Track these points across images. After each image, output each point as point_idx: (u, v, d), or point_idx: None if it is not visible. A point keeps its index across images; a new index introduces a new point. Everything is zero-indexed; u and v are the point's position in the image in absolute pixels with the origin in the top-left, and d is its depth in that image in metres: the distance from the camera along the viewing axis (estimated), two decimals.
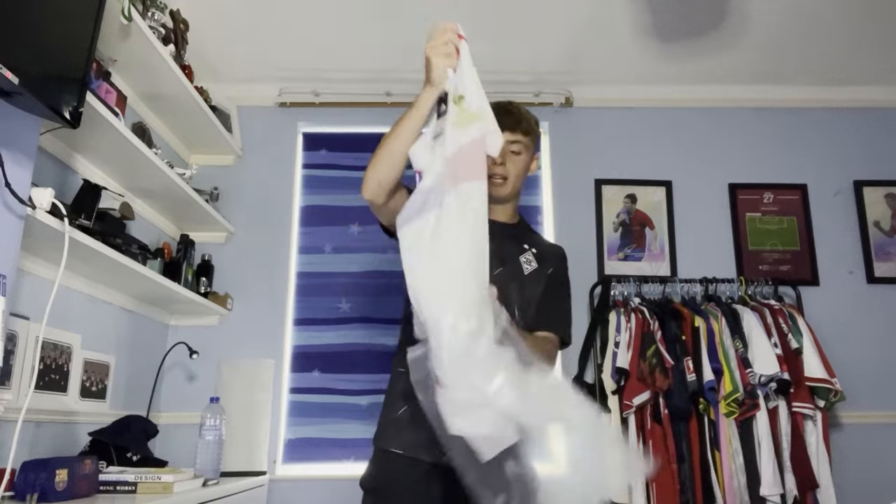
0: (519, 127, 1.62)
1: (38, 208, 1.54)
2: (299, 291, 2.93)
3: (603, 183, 3.03)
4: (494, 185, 1.60)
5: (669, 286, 2.78)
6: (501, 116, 1.48)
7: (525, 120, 1.64)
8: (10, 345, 1.73)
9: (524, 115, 1.65)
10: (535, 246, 1.67)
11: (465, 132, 1.25)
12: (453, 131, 1.24)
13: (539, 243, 1.71)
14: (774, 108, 3.13)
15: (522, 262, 1.62)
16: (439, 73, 1.28)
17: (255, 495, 2.43)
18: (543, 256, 1.66)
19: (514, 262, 1.60)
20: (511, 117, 1.60)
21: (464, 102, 1.26)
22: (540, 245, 1.70)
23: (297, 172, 3.07)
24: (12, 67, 1.29)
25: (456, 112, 1.26)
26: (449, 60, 1.27)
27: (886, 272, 2.93)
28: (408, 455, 1.46)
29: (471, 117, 1.26)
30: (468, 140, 1.24)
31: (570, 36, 2.78)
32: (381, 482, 1.49)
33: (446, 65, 1.27)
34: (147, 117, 2.54)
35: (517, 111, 1.65)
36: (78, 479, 1.62)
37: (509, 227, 1.66)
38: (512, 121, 1.60)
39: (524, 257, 1.63)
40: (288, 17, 2.63)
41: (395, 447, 1.49)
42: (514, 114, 1.63)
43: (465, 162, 1.22)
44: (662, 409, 2.47)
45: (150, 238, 2.54)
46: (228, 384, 2.71)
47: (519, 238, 1.67)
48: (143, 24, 2.06)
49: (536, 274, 1.62)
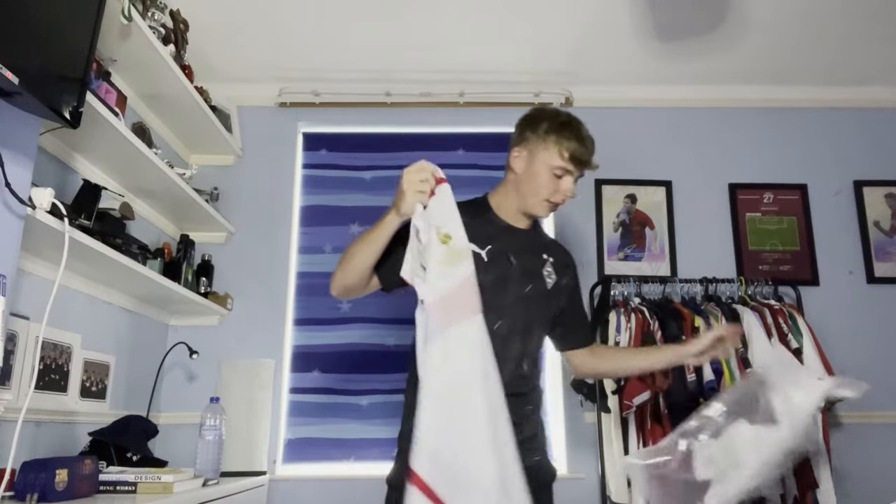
0: (590, 166, 1.62)
1: (38, 208, 1.53)
2: (299, 291, 2.93)
3: (603, 183, 3.03)
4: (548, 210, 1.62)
5: (669, 286, 2.78)
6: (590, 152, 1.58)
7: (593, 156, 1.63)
8: (10, 345, 1.73)
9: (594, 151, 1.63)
10: (550, 254, 1.67)
11: (455, 271, 1.33)
12: (442, 270, 1.31)
13: (552, 250, 1.71)
14: (774, 108, 3.13)
15: (545, 275, 1.63)
16: (409, 206, 1.34)
17: (255, 495, 2.43)
18: (559, 267, 1.67)
19: (539, 278, 1.61)
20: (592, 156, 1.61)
21: (451, 242, 1.33)
22: (554, 252, 1.70)
23: (297, 172, 3.07)
24: (12, 67, 1.29)
25: (444, 251, 1.33)
26: (420, 197, 1.34)
27: (886, 272, 2.93)
28: None
29: (459, 255, 1.34)
30: (460, 279, 1.32)
31: (571, 36, 2.78)
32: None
33: (416, 200, 1.34)
34: (147, 117, 2.54)
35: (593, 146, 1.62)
36: (78, 479, 1.62)
37: (528, 234, 1.66)
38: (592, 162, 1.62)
39: (546, 270, 1.64)
40: (288, 17, 2.63)
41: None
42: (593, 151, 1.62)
43: (459, 300, 1.31)
44: (662, 408, 2.47)
45: (150, 238, 2.54)
46: (228, 384, 2.71)
47: (537, 246, 1.67)
48: (143, 24, 2.06)
49: (556, 287, 1.63)
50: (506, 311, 1.53)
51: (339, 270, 1.50)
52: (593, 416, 2.68)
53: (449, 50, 2.88)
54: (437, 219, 1.35)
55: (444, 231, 1.33)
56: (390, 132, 3.08)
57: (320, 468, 2.71)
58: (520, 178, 1.61)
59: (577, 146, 1.56)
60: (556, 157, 1.56)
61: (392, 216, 1.39)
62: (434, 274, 1.31)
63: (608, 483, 2.55)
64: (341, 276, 1.50)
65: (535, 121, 1.61)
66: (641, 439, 2.48)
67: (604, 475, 2.58)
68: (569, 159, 1.56)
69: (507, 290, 1.55)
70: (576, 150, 1.56)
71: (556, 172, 1.57)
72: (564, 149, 1.56)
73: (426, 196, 1.35)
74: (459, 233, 1.35)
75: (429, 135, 3.09)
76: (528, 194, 1.60)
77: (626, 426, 2.49)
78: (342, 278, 1.50)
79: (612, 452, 2.55)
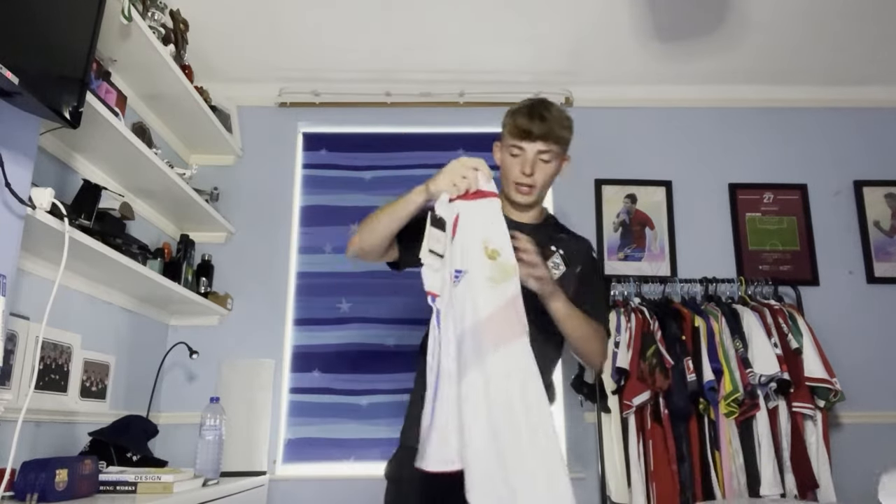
0: (551, 136, 1.58)
1: (38, 208, 1.54)
2: (299, 291, 2.93)
3: (603, 183, 3.03)
4: (521, 193, 1.61)
5: (669, 286, 2.78)
6: (531, 121, 1.55)
7: (557, 127, 1.59)
8: (10, 345, 1.73)
9: (556, 122, 1.59)
10: (561, 246, 1.65)
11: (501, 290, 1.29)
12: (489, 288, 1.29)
13: (564, 241, 1.68)
14: (774, 108, 3.13)
15: (550, 268, 1.58)
16: (437, 188, 1.37)
17: (255, 495, 2.43)
18: (571, 257, 1.64)
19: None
20: (544, 125, 1.57)
21: (500, 258, 1.31)
22: (567, 245, 1.67)
23: (297, 172, 3.07)
24: (12, 67, 1.29)
25: (493, 267, 1.30)
26: (453, 188, 1.36)
27: (886, 272, 2.92)
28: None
29: (507, 272, 1.31)
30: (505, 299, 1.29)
31: (571, 36, 2.78)
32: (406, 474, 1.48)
33: (447, 188, 1.36)
34: (147, 117, 2.54)
35: (550, 117, 1.59)
36: (78, 479, 1.62)
37: (535, 229, 1.63)
38: (544, 129, 1.57)
39: (552, 262, 1.61)
40: (288, 17, 2.63)
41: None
42: (547, 121, 1.58)
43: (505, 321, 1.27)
44: (662, 409, 2.47)
45: (150, 238, 2.54)
46: (228, 384, 2.71)
47: (544, 239, 1.63)
48: (143, 24, 2.06)
49: (564, 278, 1.60)
50: None
51: (359, 234, 1.53)
52: (593, 416, 2.68)
53: (449, 50, 2.88)
54: (484, 231, 1.34)
55: (493, 247, 1.32)
56: (390, 132, 3.08)
57: (320, 468, 2.71)
58: (500, 171, 1.65)
59: (521, 118, 1.57)
60: (507, 136, 1.60)
61: (419, 191, 1.41)
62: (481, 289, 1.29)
63: (608, 483, 2.55)
64: (359, 239, 1.52)
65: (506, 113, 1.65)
66: (641, 439, 2.48)
67: (604, 475, 2.58)
68: (515, 133, 1.57)
69: None
70: (519, 121, 1.56)
71: (512, 152, 1.59)
72: (512, 125, 1.58)
73: (459, 189, 1.35)
74: (508, 250, 1.34)
75: (429, 135, 3.09)
76: (503, 182, 1.63)
77: (626, 426, 2.49)
78: (360, 241, 1.52)
79: (612, 452, 2.55)
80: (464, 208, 1.36)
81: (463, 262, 1.32)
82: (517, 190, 1.61)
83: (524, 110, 1.59)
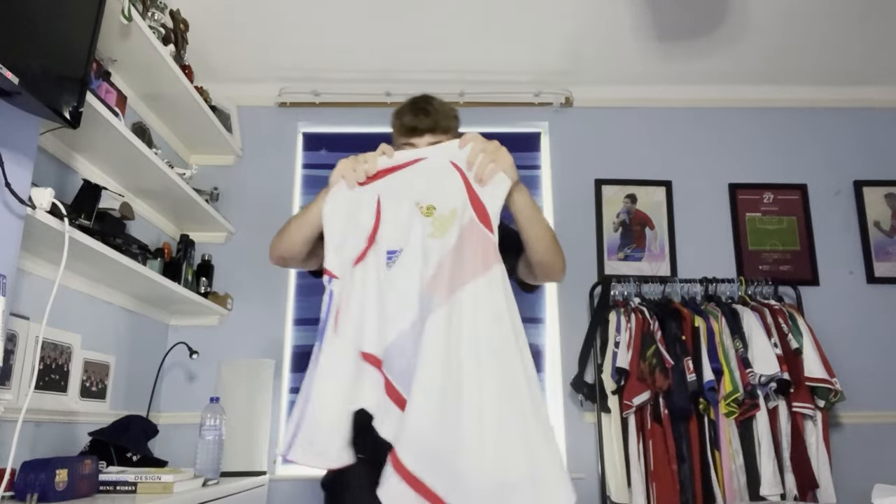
0: (438, 127, 1.50)
1: (38, 208, 1.53)
2: (299, 291, 2.93)
3: (603, 183, 3.03)
4: None
5: (669, 286, 2.78)
6: (416, 117, 1.50)
7: (442, 118, 1.51)
8: (10, 345, 1.73)
9: (440, 114, 1.51)
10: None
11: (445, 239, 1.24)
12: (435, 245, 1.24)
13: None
14: (774, 108, 3.13)
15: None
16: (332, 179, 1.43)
17: (255, 495, 2.43)
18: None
19: None
20: (428, 119, 1.50)
21: (436, 210, 1.27)
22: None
23: (297, 172, 3.07)
24: (12, 67, 1.29)
25: (431, 223, 1.26)
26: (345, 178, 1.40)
27: (886, 272, 2.93)
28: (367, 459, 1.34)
29: (446, 221, 1.26)
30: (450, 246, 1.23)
31: (570, 36, 2.78)
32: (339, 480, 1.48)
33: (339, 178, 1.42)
34: (147, 117, 2.54)
35: (433, 110, 1.51)
36: (78, 479, 1.61)
37: None
38: (430, 123, 1.50)
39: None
40: (288, 17, 2.63)
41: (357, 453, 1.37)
42: (431, 114, 1.51)
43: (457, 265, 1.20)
44: (662, 409, 2.47)
45: (150, 238, 2.54)
46: (228, 384, 2.71)
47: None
48: (143, 24, 2.06)
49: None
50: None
51: (275, 238, 1.54)
52: (593, 416, 2.68)
53: (449, 50, 2.88)
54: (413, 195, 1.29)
55: (427, 203, 1.28)
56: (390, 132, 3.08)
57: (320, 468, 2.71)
58: None
59: (406, 116, 1.51)
60: (397, 137, 1.55)
61: (322, 193, 1.45)
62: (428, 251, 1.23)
63: (608, 483, 2.55)
64: (273, 247, 1.55)
65: None
66: (641, 439, 2.48)
67: (604, 475, 2.58)
68: (404, 132, 1.51)
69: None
70: (405, 120, 1.51)
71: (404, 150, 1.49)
72: (399, 125, 1.53)
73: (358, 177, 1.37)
74: (442, 198, 1.28)
75: None
76: None
77: (626, 426, 2.49)
78: (274, 249, 1.55)
79: (612, 452, 2.55)
80: (383, 185, 1.34)
81: (398, 239, 1.27)
82: None
83: (407, 108, 1.54)
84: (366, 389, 1.23)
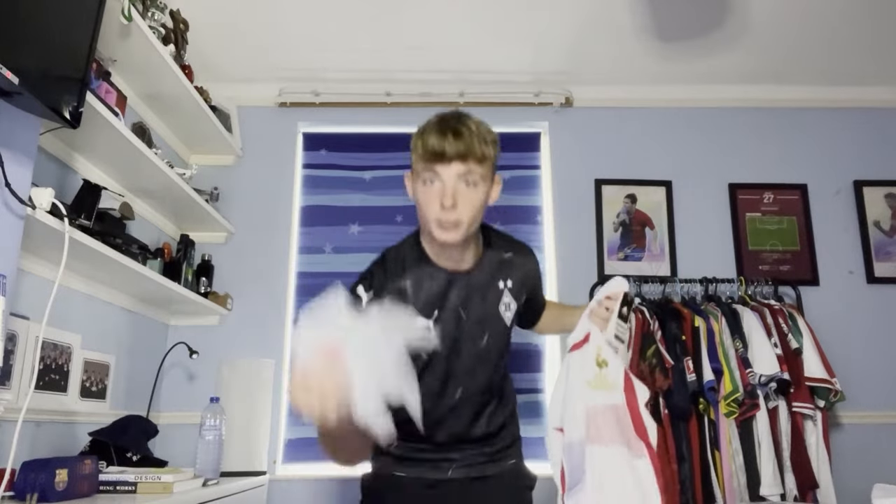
0: (471, 155, 1.26)
1: (38, 208, 1.54)
2: (299, 291, 2.93)
3: (603, 183, 3.03)
4: (445, 230, 1.29)
5: (669, 286, 2.78)
6: (446, 139, 1.26)
7: (479, 143, 1.27)
8: (10, 345, 1.73)
9: (476, 137, 1.27)
10: (508, 275, 1.46)
11: (597, 395, 1.35)
12: (586, 391, 1.36)
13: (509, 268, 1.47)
14: (774, 108, 3.13)
15: (501, 311, 1.45)
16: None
17: (255, 495, 2.43)
18: (519, 283, 1.48)
19: (495, 320, 1.45)
20: (461, 142, 1.25)
21: (606, 369, 1.36)
22: (511, 269, 1.47)
23: (297, 172, 3.07)
24: (12, 67, 1.29)
25: (597, 375, 1.36)
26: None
27: (886, 272, 2.92)
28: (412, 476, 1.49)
29: (610, 386, 1.36)
30: (603, 405, 1.35)
31: (570, 36, 2.78)
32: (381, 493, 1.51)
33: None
34: (147, 117, 2.54)
35: (467, 132, 1.26)
36: (78, 479, 1.62)
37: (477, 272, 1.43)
38: (462, 147, 1.25)
39: (503, 304, 1.45)
40: (288, 17, 2.63)
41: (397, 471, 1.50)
42: (464, 136, 1.25)
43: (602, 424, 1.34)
44: (662, 409, 2.47)
45: (150, 238, 2.54)
46: (228, 384, 2.71)
47: (492, 279, 1.44)
48: (143, 24, 2.06)
49: (516, 315, 1.50)
50: (464, 375, 1.43)
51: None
52: None
53: (449, 50, 2.88)
54: (599, 340, 1.38)
55: (604, 356, 1.36)
56: (390, 132, 3.08)
57: (320, 468, 2.71)
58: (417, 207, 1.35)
59: (432, 137, 1.27)
60: (418, 162, 1.30)
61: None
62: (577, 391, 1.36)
63: None
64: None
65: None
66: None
67: None
68: (426, 156, 1.27)
69: (461, 352, 1.41)
70: (430, 141, 1.26)
71: (426, 180, 1.29)
72: (422, 147, 1.28)
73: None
74: (616, 364, 1.37)
75: None
76: (421, 220, 1.34)
77: None
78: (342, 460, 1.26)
79: None
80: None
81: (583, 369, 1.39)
82: (440, 227, 1.28)
83: (433, 126, 1.29)
84: None
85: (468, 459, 1.49)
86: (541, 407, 2.80)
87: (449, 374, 1.42)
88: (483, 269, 1.43)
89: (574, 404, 1.37)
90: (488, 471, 1.50)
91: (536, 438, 2.24)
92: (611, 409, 1.33)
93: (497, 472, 1.51)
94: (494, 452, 1.52)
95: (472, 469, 1.49)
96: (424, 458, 1.47)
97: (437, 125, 1.29)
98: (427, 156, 1.27)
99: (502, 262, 1.47)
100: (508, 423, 1.57)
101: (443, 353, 1.39)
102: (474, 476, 1.49)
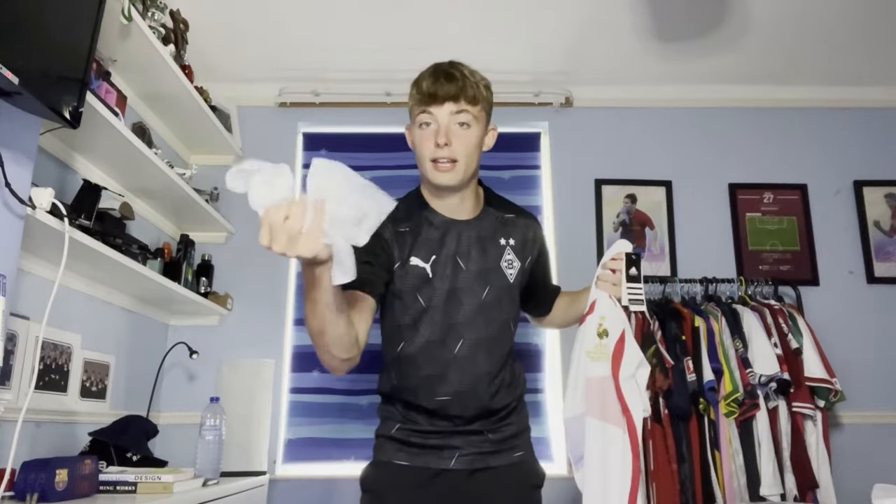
0: (463, 95, 1.33)
1: (38, 208, 1.54)
2: (299, 291, 2.93)
3: (603, 183, 3.03)
4: (441, 171, 1.35)
5: (669, 286, 2.78)
6: (441, 83, 1.33)
7: (471, 85, 1.35)
8: (10, 345, 1.73)
9: (469, 80, 1.36)
10: (510, 235, 1.47)
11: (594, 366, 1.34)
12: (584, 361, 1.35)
13: (511, 229, 1.49)
14: (774, 108, 3.13)
15: (504, 268, 1.44)
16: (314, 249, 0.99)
17: (255, 495, 2.43)
18: (521, 246, 1.48)
19: (498, 275, 1.44)
20: (453, 84, 1.32)
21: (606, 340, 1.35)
22: (513, 230, 1.48)
23: (297, 172, 3.07)
24: (12, 67, 1.29)
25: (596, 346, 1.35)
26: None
27: (886, 272, 2.92)
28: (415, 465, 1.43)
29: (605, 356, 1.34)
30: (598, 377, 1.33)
31: (570, 36, 2.78)
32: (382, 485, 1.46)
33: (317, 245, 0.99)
34: (147, 117, 2.54)
35: (461, 75, 1.35)
36: (78, 479, 1.62)
37: (478, 223, 1.45)
38: (454, 88, 1.32)
39: (505, 260, 1.45)
40: (288, 17, 2.63)
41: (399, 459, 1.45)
42: (457, 79, 1.33)
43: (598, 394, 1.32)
44: (662, 409, 2.47)
45: (150, 238, 2.54)
46: (228, 384, 2.71)
47: (494, 234, 1.46)
48: (143, 24, 2.06)
49: (520, 274, 1.48)
50: (464, 327, 1.39)
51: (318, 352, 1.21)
52: None
53: (449, 50, 2.84)
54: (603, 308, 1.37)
55: (605, 326, 1.35)
56: (390, 132, 3.08)
57: (320, 468, 2.71)
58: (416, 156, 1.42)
59: (423, 80, 1.35)
60: (414, 108, 1.37)
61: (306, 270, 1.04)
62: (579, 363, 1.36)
63: None
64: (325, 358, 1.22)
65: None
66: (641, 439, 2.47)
67: None
68: (421, 100, 1.34)
69: (461, 303, 1.40)
70: (423, 85, 1.34)
71: (421, 123, 1.35)
72: (416, 92, 1.36)
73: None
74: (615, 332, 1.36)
75: None
76: (420, 168, 1.39)
77: None
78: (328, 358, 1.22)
79: None
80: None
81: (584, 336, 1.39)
82: (436, 167, 1.34)
83: (428, 72, 1.37)
84: None
85: (472, 447, 1.42)
86: (541, 407, 2.81)
87: (449, 324, 1.38)
88: (483, 223, 1.45)
89: (576, 377, 1.36)
90: (493, 462, 1.43)
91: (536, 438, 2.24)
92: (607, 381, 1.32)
93: (502, 463, 1.44)
94: (500, 441, 1.45)
95: (475, 459, 1.42)
96: (426, 444, 1.42)
97: (431, 70, 1.38)
98: (421, 99, 1.35)
99: (504, 221, 1.49)
100: (516, 408, 1.50)
101: (440, 300, 1.38)
102: (478, 467, 1.42)
